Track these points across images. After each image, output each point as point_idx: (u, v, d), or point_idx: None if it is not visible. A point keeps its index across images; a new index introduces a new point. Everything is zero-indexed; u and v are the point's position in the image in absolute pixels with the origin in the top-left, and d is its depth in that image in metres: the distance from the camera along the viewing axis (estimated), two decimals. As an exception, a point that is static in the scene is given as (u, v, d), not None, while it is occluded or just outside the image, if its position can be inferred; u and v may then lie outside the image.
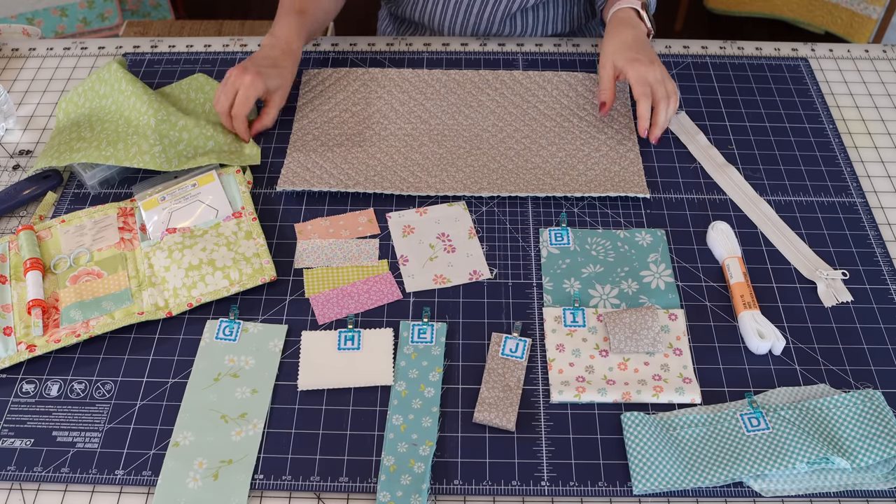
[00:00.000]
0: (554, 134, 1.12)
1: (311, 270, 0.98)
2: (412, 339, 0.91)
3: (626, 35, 1.11)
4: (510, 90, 1.18)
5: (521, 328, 0.93)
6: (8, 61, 1.28)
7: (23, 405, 0.87)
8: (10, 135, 1.16)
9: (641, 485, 0.79)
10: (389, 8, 1.41)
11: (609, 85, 1.10)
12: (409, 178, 1.06)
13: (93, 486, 0.82)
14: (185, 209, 1.01)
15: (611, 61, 1.09)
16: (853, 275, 0.98)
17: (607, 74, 1.10)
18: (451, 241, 1.01)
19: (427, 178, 1.06)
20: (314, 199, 1.06)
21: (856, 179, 1.08)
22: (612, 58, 1.09)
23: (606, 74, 1.10)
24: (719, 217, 1.03)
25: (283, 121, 1.16)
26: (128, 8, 2.50)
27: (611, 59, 1.09)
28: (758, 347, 0.90)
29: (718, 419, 0.84)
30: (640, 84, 1.07)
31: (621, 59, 1.08)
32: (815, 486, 0.80)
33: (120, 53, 1.28)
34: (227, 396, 0.87)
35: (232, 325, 0.93)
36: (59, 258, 0.98)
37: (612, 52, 1.10)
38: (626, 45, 1.09)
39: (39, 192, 1.06)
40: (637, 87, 1.07)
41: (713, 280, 0.97)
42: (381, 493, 0.79)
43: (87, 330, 0.91)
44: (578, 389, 0.87)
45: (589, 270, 0.98)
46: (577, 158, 1.09)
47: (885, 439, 0.80)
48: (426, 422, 0.85)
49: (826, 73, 1.24)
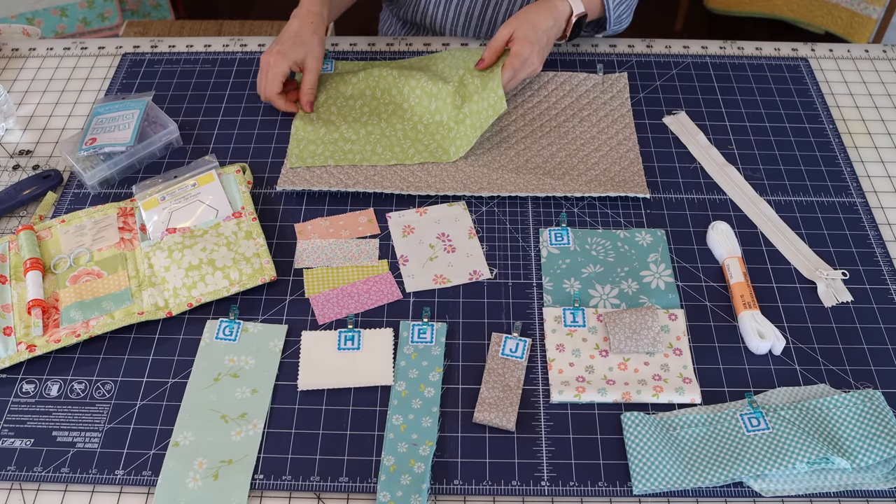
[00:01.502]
0: (554, 134, 1.12)
1: (311, 270, 0.98)
2: (412, 339, 0.91)
3: (540, 19, 1.12)
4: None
5: (521, 328, 0.93)
6: (8, 61, 1.28)
7: (23, 405, 0.87)
8: (10, 135, 1.16)
9: (641, 485, 0.79)
10: (391, 10, 1.41)
11: (498, 46, 1.11)
12: (409, 177, 1.06)
13: (93, 486, 0.82)
14: (185, 209, 1.01)
15: (512, 29, 1.10)
16: (853, 275, 0.98)
17: (502, 38, 1.11)
18: (451, 241, 1.01)
19: (427, 178, 1.06)
20: (314, 199, 1.06)
21: (856, 179, 1.08)
22: (516, 26, 1.10)
23: (501, 37, 1.11)
24: (719, 217, 1.03)
25: (284, 121, 1.16)
26: (128, 8, 2.50)
27: (514, 27, 1.10)
28: (758, 347, 0.90)
29: (718, 419, 0.84)
30: (517, 58, 1.09)
31: (521, 33, 1.10)
32: (815, 486, 0.80)
33: (120, 53, 1.28)
34: (227, 396, 0.87)
35: (232, 325, 0.93)
36: (59, 258, 0.98)
37: (519, 23, 1.11)
38: (534, 26, 1.11)
39: (39, 192, 1.06)
40: (514, 59, 1.09)
41: (713, 280, 0.97)
42: (381, 493, 0.79)
43: (87, 330, 0.91)
44: (578, 389, 0.87)
45: (589, 270, 0.98)
46: (578, 158, 1.09)
47: (885, 439, 0.80)
48: (426, 422, 0.85)
49: (826, 73, 1.24)
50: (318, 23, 1.14)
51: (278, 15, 2.80)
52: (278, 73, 1.11)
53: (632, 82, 1.21)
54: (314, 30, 1.14)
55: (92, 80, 1.24)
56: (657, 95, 1.19)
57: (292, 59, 1.11)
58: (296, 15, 1.16)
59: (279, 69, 1.11)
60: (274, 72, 1.11)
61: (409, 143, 1.10)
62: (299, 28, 1.13)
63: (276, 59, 1.11)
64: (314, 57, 1.13)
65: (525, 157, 1.09)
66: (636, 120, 1.15)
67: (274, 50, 1.12)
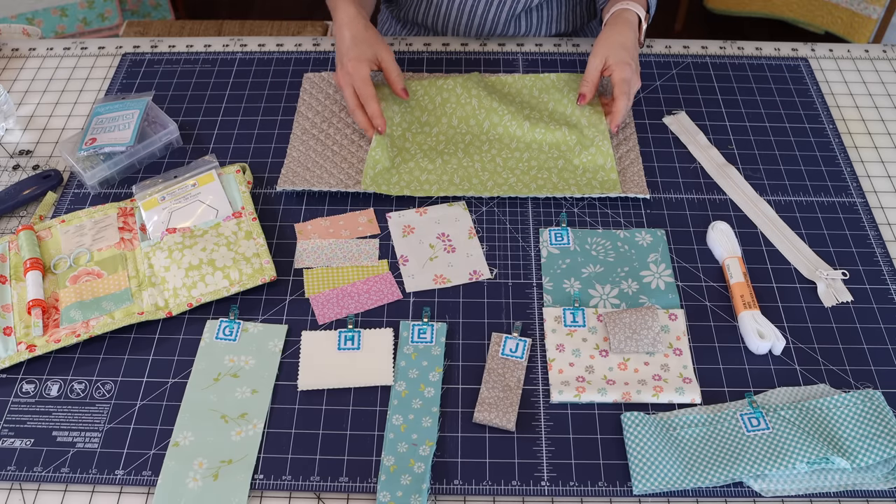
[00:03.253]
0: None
1: (311, 270, 0.98)
2: (412, 339, 0.91)
3: (626, 37, 1.11)
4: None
5: (521, 328, 0.93)
6: (8, 61, 1.28)
7: (23, 405, 0.87)
8: (10, 135, 1.16)
9: (641, 485, 0.79)
10: (391, 10, 1.41)
11: (595, 78, 1.11)
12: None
13: (93, 486, 0.82)
14: (185, 209, 1.01)
15: (604, 55, 1.09)
16: (853, 275, 0.98)
17: (596, 67, 1.10)
18: (451, 241, 1.01)
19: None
20: (314, 199, 1.06)
21: (856, 179, 1.08)
22: (606, 52, 1.09)
23: (595, 67, 1.10)
24: (719, 217, 1.03)
25: (284, 121, 1.16)
26: (128, 8, 2.50)
27: (605, 54, 1.09)
28: (758, 347, 0.90)
29: (718, 419, 0.84)
30: (623, 84, 1.08)
31: (615, 57, 1.08)
32: (815, 486, 0.80)
33: (120, 53, 1.28)
34: (227, 396, 0.87)
35: (232, 325, 0.93)
36: (59, 258, 0.98)
37: (609, 47, 1.10)
38: (623, 45, 1.10)
39: (39, 192, 1.06)
40: (621, 87, 1.08)
41: (713, 280, 0.97)
42: (381, 493, 0.79)
43: (87, 330, 0.91)
44: (578, 389, 0.87)
45: (589, 270, 0.98)
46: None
47: (885, 439, 0.80)
48: (426, 422, 0.85)
49: (826, 73, 1.24)
50: (366, 21, 1.13)
51: (278, 15, 2.81)
52: (364, 77, 1.08)
53: (632, 82, 1.21)
54: (365, 26, 1.11)
55: (92, 80, 1.24)
56: (657, 95, 1.19)
57: (367, 59, 1.08)
58: (339, 27, 1.12)
59: (361, 74, 1.08)
60: (359, 77, 1.07)
61: (488, 176, 1.07)
62: (353, 33, 1.10)
63: (355, 65, 1.07)
64: (383, 48, 1.10)
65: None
66: (636, 120, 1.15)
67: (345, 63, 1.08)
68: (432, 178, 1.07)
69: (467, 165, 1.08)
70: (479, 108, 1.14)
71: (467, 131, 1.13)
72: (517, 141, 1.11)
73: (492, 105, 1.13)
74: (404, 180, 1.07)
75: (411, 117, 1.15)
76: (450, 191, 1.05)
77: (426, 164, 1.08)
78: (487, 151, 1.10)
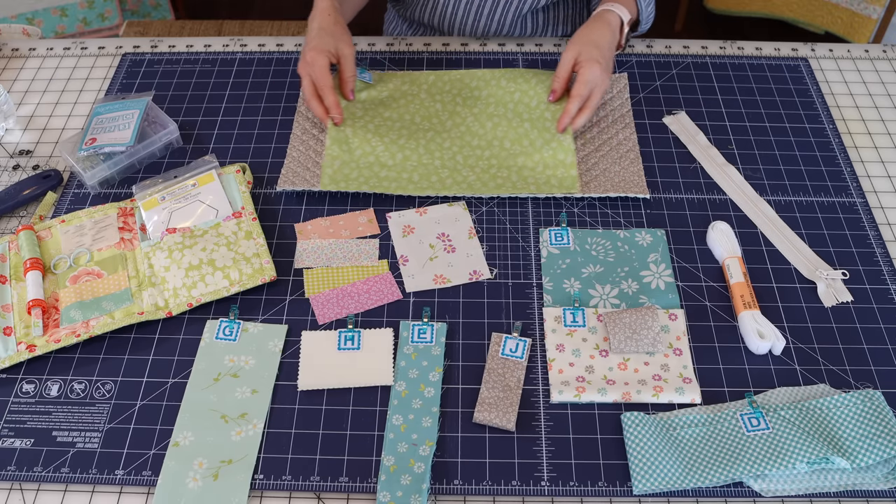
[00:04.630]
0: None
1: (311, 270, 0.98)
2: (412, 339, 0.91)
3: (601, 36, 1.11)
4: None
5: (521, 328, 0.93)
6: (8, 61, 1.28)
7: (23, 405, 0.87)
8: (10, 135, 1.16)
9: (641, 485, 0.79)
10: (398, 10, 1.41)
11: (565, 74, 1.11)
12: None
13: (93, 486, 0.82)
14: (185, 209, 1.01)
15: (576, 52, 1.09)
16: (853, 275, 0.98)
17: (567, 62, 1.10)
18: (451, 241, 1.01)
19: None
20: (314, 199, 1.06)
21: (856, 179, 1.08)
22: (579, 49, 1.09)
23: (567, 62, 1.10)
24: (719, 217, 1.03)
25: (284, 121, 1.16)
26: (128, 8, 2.50)
27: (577, 50, 1.09)
28: (758, 347, 0.90)
29: (718, 419, 0.84)
30: (584, 86, 1.07)
31: (585, 54, 1.08)
32: (815, 486, 0.80)
33: (120, 53, 1.28)
34: (227, 396, 0.87)
35: (232, 325, 0.93)
36: (59, 258, 0.98)
37: (582, 43, 1.10)
38: (596, 44, 1.10)
39: (39, 192, 1.06)
40: (580, 87, 1.07)
41: (713, 280, 0.97)
42: (381, 493, 0.79)
43: (87, 330, 0.91)
44: (578, 389, 0.87)
45: (589, 270, 0.98)
46: (578, 159, 1.09)
47: (885, 439, 0.80)
48: (426, 422, 0.85)
49: (826, 73, 1.24)
50: (336, 15, 1.14)
51: (278, 15, 2.80)
52: (323, 66, 1.09)
53: (632, 82, 1.21)
54: (335, 20, 1.13)
55: (92, 80, 1.24)
56: (657, 95, 1.19)
57: (327, 50, 1.10)
58: (313, 17, 1.15)
59: (320, 64, 1.09)
60: (317, 67, 1.09)
61: (448, 174, 1.07)
62: (320, 24, 1.12)
63: (314, 56, 1.09)
64: (346, 43, 1.11)
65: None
66: (636, 120, 1.15)
67: (306, 51, 1.10)
68: (392, 175, 1.07)
69: (427, 163, 1.08)
70: (442, 110, 1.15)
71: (429, 128, 1.13)
72: (479, 139, 1.11)
73: (455, 108, 1.15)
74: (363, 176, 1.07)
75: (374, 112, 1.15)
76: (408, 189, 1.05)
77: (386, 160, 1.09)
78: (448, 149, 1.10)
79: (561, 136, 1.09)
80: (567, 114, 1.08)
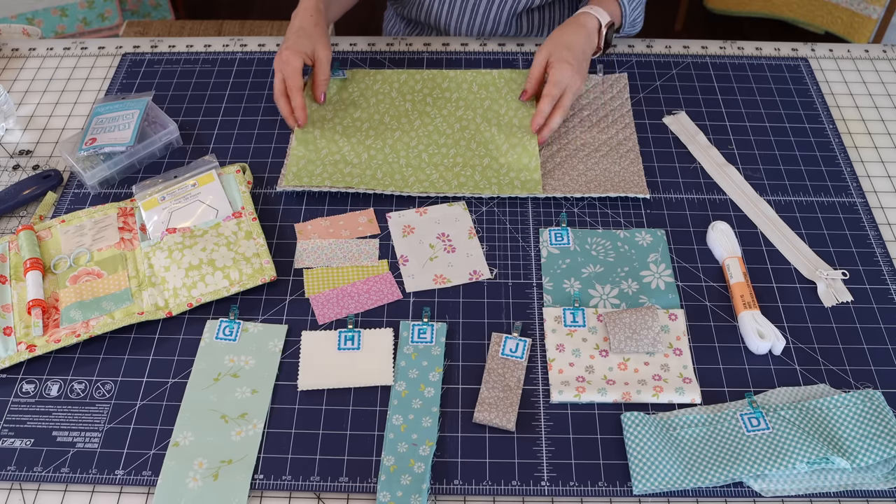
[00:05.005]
0: (554, 135, 1.12)
1: (311, 270, 0.98)
2: (412, 339, 0.91)
3: (574, 37, 1.11)
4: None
5: (521, 328, 0.93)
6: (8, 61, 1.28)
7: (23, 405, 0.87)
8: (10, 135, 1.16)
9: (641, 485, 0.79)
10: (396, 9, 1.41)
11: (537, 75, 1.11)
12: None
13: (93, 486, 0.82)
14: (185, 209, 1.01)
15: (548, 53, 1.10)
16: (853, 275, 0.98)
17: (539, 64, 1.11)
18: (451, 241, 1.01)
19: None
20: (314, 199, 1.06)
21: (856, 179, 1.08)
22: (550, 50, 1.10)
23: (539, 64, 1.11)
24: (719, 217, 1.03)
25: (283, 121, 1.15)
26: (128, 8, 2.50)
27: (549, 51, 1.10)
28: (758, 347, 0.90)
29: (718, 419, 0.84)
30: (555, 86, 1.08)
31: (557, 56, 1.09)
32: (815, 486, 0.80)
33: (120, 53, 1.28)
34: (227, 396, 0.87)
35: (232, 325, 0.93)
36: (59, 258, 0.98)
37: (553, 46, 1.10)
38: (567, 45, 1.10)
39: (39, 192, 1.06)
40: (551, 88, 1.08)
41: (713, 280, 0.97)
42: (381, 493, 0.79)
43: (87, 330, 0.91)
44: (578, 389, 0.87)
45: (589, 270, 0.98)
46: (578, 159, 1.09)
47: (885, 439, 0.80)
48: (426, 422, 0.85)
49: (826, 73, 1.24)
50: (318, 16, 1.14)
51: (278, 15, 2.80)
52: (296, 68, 1.10)
53: (632, 82, 1.21)
54: (315, 22, 1.14)
55: (92, 80, 1.24)
56: (657, 95, 1.19)
57: (303, 52, 1.11)
58: (295, 14, 1.16)
59: (293, 65, 1.10)
60: (290, 68, 1.10)
61: (411, 172, 1.08)
62: (301, 23, 1.13)
63: (288, 55, 1.10)
64: (322, 46, 1.12)
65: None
66: (636, 120, 1.15)
67: (282, 50, 1.11)
68: (356, 172, 1.07)
69: (392, 161, 1.09)
70: (412, 110, 1.15)
71: (397, 127, 1.14)
72: (446, 137, 1.12)
73: (424, 108, 1.15)
74: (327, 172, 1.07)
75: (344, 114, 1.16)
76: (370, 184, 1.05)
77: (352, 158, 1.09)
78: (414, 147, 1.11)
79: (526, 141, 1.09)
80: (540, 113, 1.08)
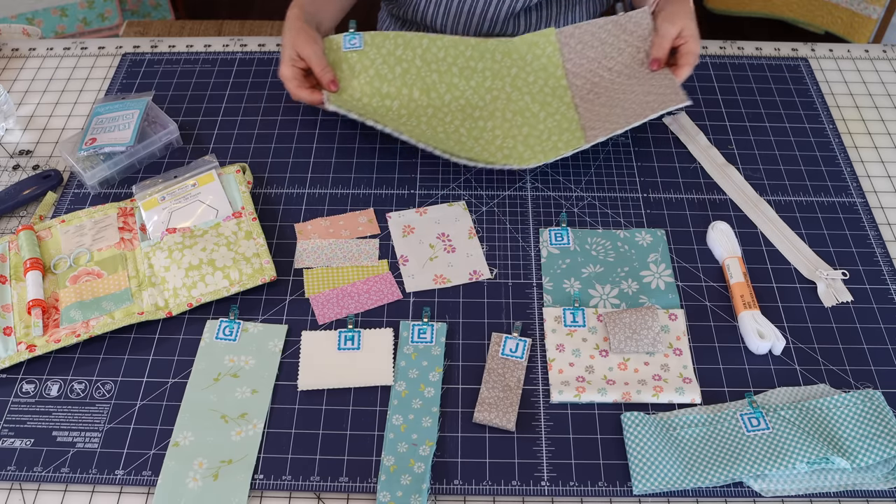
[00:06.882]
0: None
1: (311, 270, 0.98)
2: (412, 339, 0.91)
3: (691, 11, 1.12)
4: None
5: (521, 328, 0.93)
6: (8, 61, 1.28)
7: (23, 405, 0.87)
8: (10, 135, 1.16)
9: (641, 485, 0.79)
10: (390, 9, 1.41)
11: (668, 46, 1.10)
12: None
13: (93, 486, 0.82)
14: (185, 209, 1.01)
15: (681, 26, 1.10)
16: (853, 275, 0.98)
17: (672, 35, 1.10)
18: (451, 241, 1.01)
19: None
20: (314, 199, 1.06)
21: (856, 179, 1.08)
22: (683, 23, 1.10)
23: (671, 35, 1.10)
24: (719, 217, 1.04)
25: (284, 121, 1.15)
26: (128, 8, 2.50)
27: (682, 24, 1.10)
28: (758, 347, 0.90)
29: (718, 419, 0.84)
30: (691, 56, 1.09)
31: (690, 30, 1.10)
32: (815, 486, 0.80)
33: (120, 53, 1.28)
34: (227, 396, 0.87)
35: (232, 325, 0.93)
36: (59, 258, 0.98)
37: (686, 18, 1.10)
38: (694, 19, 1.11)
39: (39, 192, 1.06)
40: (687, 58, 1.09)
41: (713, 280, 0.97)
42: (381, 493, 0.79)
43: (87, 330, 0.91)
44: (578, 389, 0.87)
45: (589, 270, 0.98)
46: (608, 96, 1.08)
47: (885, 439, 0.80)
48: (426, 422, 0.85)
49: (826, 73, 1.24)
50: (301, 22, 1.13)
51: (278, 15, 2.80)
52: (291, 78, 1.10)
53: (632, 82, 1.21)
54: (299, 27, 1.12)
55: (92, 80, 1.24)
56: (657, 95, 1.19)
57: (291, 61, 1.10)
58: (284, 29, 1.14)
59: (288, 76, 1.10)
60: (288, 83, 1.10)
61: (453, 145, 1.06)
62: (287, 35, 1.13)
63: (282, 71, 1.10)
64: (306, 43, 1.10)
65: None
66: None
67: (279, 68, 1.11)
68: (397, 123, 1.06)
69: (430, 136, 1.07)
70: (439, 81, 1.13)
71: (428, 104, 1.12)
72: (479, 111, 1.11)
73: (452, 80, 1.13)
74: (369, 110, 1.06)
75: (371, 88, 1.12)
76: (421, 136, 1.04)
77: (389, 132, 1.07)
78: (451, 122, 1.10)
79: (565, 110, 1.09)
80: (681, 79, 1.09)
